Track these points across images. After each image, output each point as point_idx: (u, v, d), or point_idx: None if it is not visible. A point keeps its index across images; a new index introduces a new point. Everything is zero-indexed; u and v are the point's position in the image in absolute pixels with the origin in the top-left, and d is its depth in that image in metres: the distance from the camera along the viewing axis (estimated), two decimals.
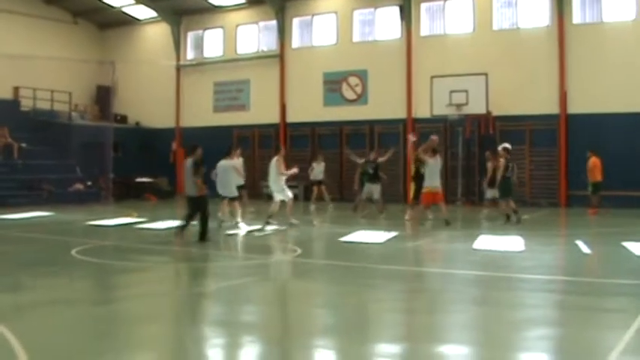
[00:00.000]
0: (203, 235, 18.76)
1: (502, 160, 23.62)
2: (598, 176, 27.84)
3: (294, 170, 23.21)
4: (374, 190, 26.48)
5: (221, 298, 11.79)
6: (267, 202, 25.77)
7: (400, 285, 13.13)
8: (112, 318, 10.15)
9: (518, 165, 26.13)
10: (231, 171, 22.35)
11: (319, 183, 31.14)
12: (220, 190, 22.27)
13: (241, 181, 24.36)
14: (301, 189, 34.82)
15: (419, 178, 24.23)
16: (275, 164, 22.12)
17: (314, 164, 31.70)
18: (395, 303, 11.46)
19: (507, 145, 24.48)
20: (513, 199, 23.95)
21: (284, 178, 22.54)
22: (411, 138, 27.88)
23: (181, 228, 19.16)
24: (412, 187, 25.43)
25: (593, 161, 27.88)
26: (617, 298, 11.40)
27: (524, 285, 12.61)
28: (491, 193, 25.17)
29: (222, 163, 22.27)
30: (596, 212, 27.25)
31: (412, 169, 25.78)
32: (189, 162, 19.49)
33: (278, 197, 22.24)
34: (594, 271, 14.09)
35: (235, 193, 22.57)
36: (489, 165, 25.26)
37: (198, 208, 18.88)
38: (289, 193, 22.67)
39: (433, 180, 23.00)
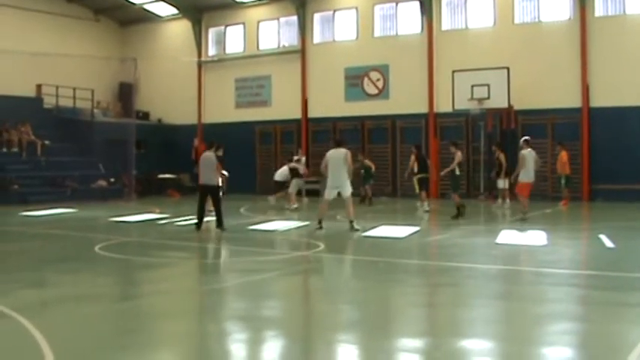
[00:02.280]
0: (221, 223, 19.98)
1: (522, 152, 23.35)
2: (567, 169, 29.08)
3: None
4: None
5: (243, 294, 11.82)
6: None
7: (423, 279, 13.15)
8: (135, 314, 10.20)
9: (540, 158, 26.15)
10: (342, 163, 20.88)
11: None
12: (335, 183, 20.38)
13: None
14: (323, 184, 34.76)
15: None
16: (345, 158, 20.40)
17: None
18: (418, 297, 11.46)
19: (527, 137, 24.39)
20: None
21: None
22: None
23: (198, 224, 20.12)
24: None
25: (563, 155, 29.12)
26: None
27: (547, 279, 12.58)
28: (502, 184, 26.13)
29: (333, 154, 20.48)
30: (567, 204, 28.49)
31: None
32: (212, 156, 20.31)
33: (348, 192, 20.33)
34: (618, 266, 14.01)
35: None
36: (501, 157, 26.41)
37: (214, 195, 20.23)
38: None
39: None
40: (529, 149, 22.84)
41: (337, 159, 19.99)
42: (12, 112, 35.94)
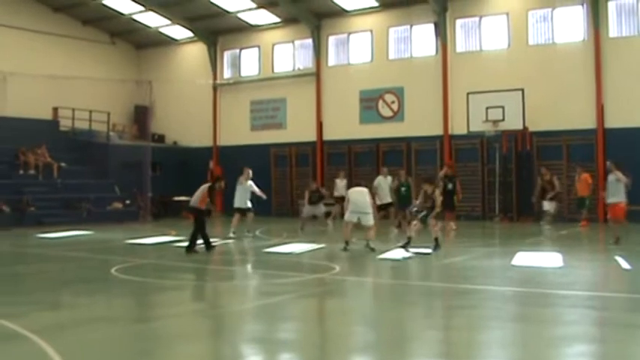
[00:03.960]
0: (190, 246, 20.40)
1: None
2: (588, 191, 29.00)
3: None
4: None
5: (259, 316, 11.83)
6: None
7: (438, 302, 13.12)
8: (151, 336, 10.23)
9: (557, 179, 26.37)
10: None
11: (343, 199, 31.24)
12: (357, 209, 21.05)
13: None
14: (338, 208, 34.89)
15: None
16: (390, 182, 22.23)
17: (337, 180, 31.95)
18: (433, 320, 11.47)
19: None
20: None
21: None
22: None
23: (207, 246, 20.65)
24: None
25: (588, 177, 29.17)
26: None
27: (564, 301, 12.55)
28: (548, 206, 25.63)
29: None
30: (586, 225, 28.63)
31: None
32: (205, 186, 21.52)
33: (370, 222, 21.14)
34: (634, 287, 13.97)
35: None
36: (546, 179, 26.04)
37: (196, 217, 20.86)
38: None
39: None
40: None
41: (360, 192, 21.31)
42: (29, 135, 36.16)
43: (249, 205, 26.98)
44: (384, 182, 28.66)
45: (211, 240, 20.90)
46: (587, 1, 32.00)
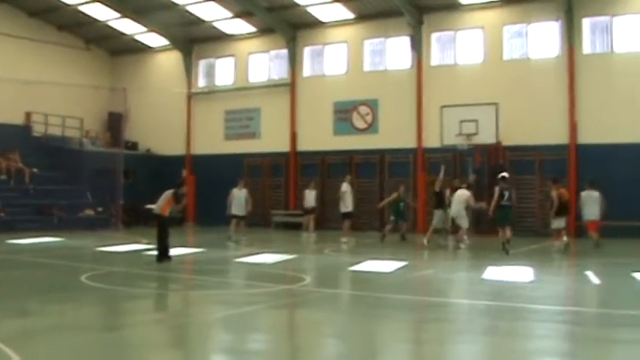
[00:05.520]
0: (160, 255, 20.27)
1: (496, 188, 24.08)
2: None
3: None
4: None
5: (228, 326, 11.79)
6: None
7: (409, 315, 13.11)
8: (120, 344, 10.14)
9: (526, 194, 26.35)
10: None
11: (313, 210, 31.71)
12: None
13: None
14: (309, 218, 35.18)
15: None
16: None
17: (306, 191, 32.20)
18: (404, 333, 11.45)
19: (505, 174, 24.68)
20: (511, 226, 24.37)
21: None
22: None
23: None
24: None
25: (565, 192, 27.92)
26: (627, 329, 11.37)
27: (534, 315, 12.59)
28: (557, 223, 25.09)
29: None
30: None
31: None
32: (169, 192, 20.95)
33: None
34: (604, 302, 14.04)
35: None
36: (554, 194, 25.38)
37: (160, 224, 20.65)
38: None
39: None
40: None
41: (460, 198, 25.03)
42: (1, 140, 35.90)
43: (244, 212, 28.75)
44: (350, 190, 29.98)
45: (170, 253, 20.49)
46: (562, 18, 32.23)
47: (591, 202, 25.64)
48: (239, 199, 29.03)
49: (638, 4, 31.16)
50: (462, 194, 26.32)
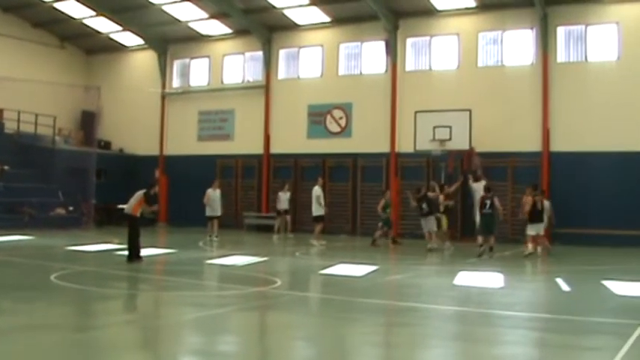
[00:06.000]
0: (131, 255, 20.39)
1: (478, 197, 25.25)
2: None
3: None
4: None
5: (199, 328, 11.77)
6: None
7: (379, 319, 13.13)
8: (89, 345, 10.10)
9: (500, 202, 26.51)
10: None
11: (285, 212, 31.99)
12: None
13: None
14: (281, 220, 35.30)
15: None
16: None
17: (280, 193, 32.37)
18: (374, 337, 11.46)
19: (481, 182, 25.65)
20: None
21: None
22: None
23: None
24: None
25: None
26: (596, 337, 11.46)
27: (504, 322, 12.65)
28: (534, 229, 25.32)
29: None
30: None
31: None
32: (141, 192, 21.04)
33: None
34: (574, 309, 14.12)
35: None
36: (528, 199, 25.67)
37: (130, 224, 20.76)
38: None
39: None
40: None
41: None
42: None
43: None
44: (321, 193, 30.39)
45: (141, 253, 20.52)
46: (536, 26, 32.37)
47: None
48: (214, 199, 29.70)
49: (611, 14, 31.34)
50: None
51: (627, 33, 30.86)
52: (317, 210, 29.78)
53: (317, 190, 29.89)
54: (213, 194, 29.63)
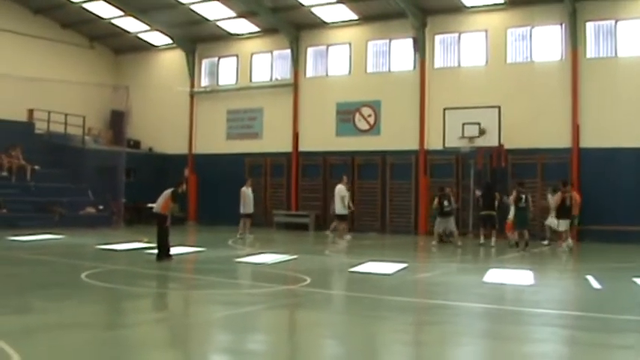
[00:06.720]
0: (160, 254, 20.36)
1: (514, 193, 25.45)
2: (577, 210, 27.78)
3: None
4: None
5: (228, 326, 11.78)
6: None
7: (409, 317, 13.09)
8: (119, 343, 10.13)
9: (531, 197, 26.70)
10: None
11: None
12: None
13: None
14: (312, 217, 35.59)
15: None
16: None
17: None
18: (403, 335, 11.42)
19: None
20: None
21: None
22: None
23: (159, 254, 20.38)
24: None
25: (577, 196, 28.06)
26: (627, 335, 11.35)
27: (534, 319, 12.57)
28: (563, 225, 25.56)
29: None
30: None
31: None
32: (168, 191, 20.87)
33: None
34: (604, 307, 14.01)
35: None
36: (557, 196, 26.03)
37: (159, 223, 20.72)
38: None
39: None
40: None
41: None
42: (3, 136, 35.91)
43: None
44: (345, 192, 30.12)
45: (170, 251, 20.56)
46: (565, 21, 32.19)
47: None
48: (249, 197, 29.93)
49: None
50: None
51: None
52: (341, 209, 29.61)
53: (342, 190, 29.71)
54: (247, 192, 29.73)
